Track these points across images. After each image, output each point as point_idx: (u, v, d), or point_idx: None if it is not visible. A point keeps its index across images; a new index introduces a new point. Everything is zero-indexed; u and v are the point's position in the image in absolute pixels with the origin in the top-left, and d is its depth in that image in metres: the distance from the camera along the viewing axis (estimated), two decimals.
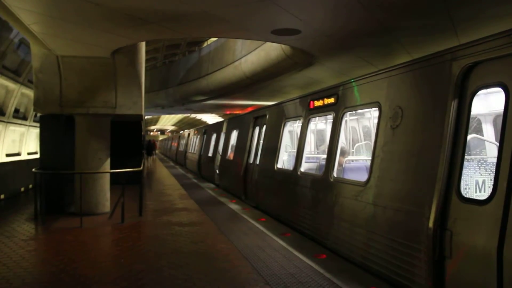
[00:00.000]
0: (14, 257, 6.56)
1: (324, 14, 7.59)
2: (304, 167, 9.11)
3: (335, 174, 7.40)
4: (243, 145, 13.72)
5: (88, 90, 9.94)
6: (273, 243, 7.38)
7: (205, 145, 21.99)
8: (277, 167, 10.23)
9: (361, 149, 10.18)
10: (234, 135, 15.78)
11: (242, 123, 14.68)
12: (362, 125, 10.88)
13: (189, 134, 31.13)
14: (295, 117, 9.89)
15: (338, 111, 7.59)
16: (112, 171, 10.22)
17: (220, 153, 17.57)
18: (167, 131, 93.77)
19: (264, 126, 11.86)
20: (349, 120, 9.76)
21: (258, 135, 12.52)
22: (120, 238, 7.93)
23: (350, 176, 7.41)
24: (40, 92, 9.90)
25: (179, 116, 62.65)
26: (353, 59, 11.44)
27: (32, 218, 9.62)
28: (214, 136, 19.85)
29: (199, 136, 25.06)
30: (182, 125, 73.05)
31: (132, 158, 14.23)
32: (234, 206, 11.51)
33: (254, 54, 14.95)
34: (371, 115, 9.08)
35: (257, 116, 12.91)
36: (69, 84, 9.87)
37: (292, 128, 11.70)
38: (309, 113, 8.91)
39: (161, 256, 6.63)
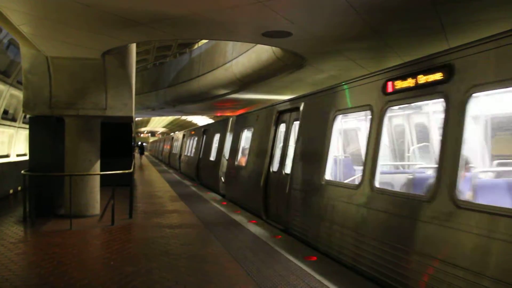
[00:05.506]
0: (2, 260, 6.49)
1: (315, 17, 7.61)
2: (380, 180, 6.16)
3: (464, 195, 4.57)
4: (261, 148, 10.96)
5: (78, 91, 9.89)
6: (263, 246, 7.37)
7: (204, 148, 19.47)
8: (325, 180, 7.28)
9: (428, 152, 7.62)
10: (246, 135, 13.11)
11: (258, 120, 11.82)
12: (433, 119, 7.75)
13: (184, 135, 28.11)
14: (357, 108, 6.88)
15: (455, 91, 4.70)
16: (102, 173, 10.16)
17: (226, 157, 14.94)
18: (158, 133, 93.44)
19: (296, 123, 9.14)
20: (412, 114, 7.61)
21: (286, 134, 9.72)
22: (110, 240, 7.88)
23: (494, 199, 4.56)
24: (29, 93, 9.83)
25: (170, 118, 62.39)
26: (343, 61, 11.48)
27: (21, 221, 9.53)
28: (216, 137, 17.30)
29: (196, 137, 22.32)
30: (173, 127, 72.81)
31: (123, 160, 14.18)
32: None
33: (245, 56, 14.96)
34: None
35: (284, 110, 10.00)
36: (59, 85, 9.82)
37: (349, 125, 8.89)
38: (385, 100, 5.95)
39: (151, 259, 6.60)
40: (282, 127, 10.10)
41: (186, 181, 19.93)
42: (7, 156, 14.37)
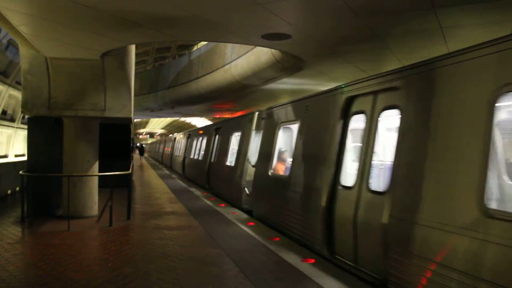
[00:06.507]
0: None
1: (314, 20, 7.63)
2: None
3: None
4: (316, 151, 7.69)
5: (77, 92, 9.89)
6: (262, 248, 7.36)
7: (218, 150, 16.29)
8: (489, 210, 3.93)
9: None
10: (286, 134, 10.17)
11: (309, 112, 8.34)
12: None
13: (189, 135, 24.80)
14: None
15: None
16: (100, 174, 10.15)
17: (252, 163, 11.99)
18: (157, 134, 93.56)
19: (389, 112, 5.98)
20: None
21: (367, 131, 6.24)
22: (107, 241, 7.87)
23: None
24: (28, 94, 9.82)
25: (168, 120, 62.47)
26: (342, 64, 11.50)
27: (19, 221, 9.50)
28: (235, 137, 14.37)
29: (206, 137, 19.21)
30: (171, 128, 72.87)
31: (121, 161, 14.16)
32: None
33: (244, 58, 14.99)
34: None
35: (359, 95, 6.59)
36: (57, 86, 9.81)
37: None
38: None
39: (149, 260, 6.59)
40: (357, 120, 6.77)
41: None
42: (5, 156, 14.34)
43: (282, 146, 10.08)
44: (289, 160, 9.32)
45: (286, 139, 10.18)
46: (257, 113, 12.34)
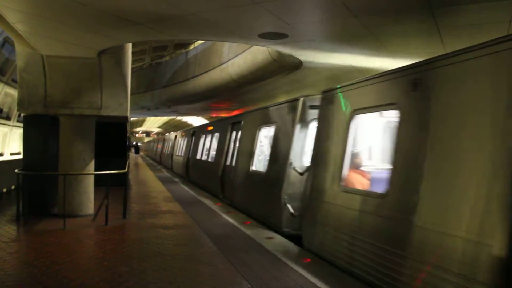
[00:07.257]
0: None
1: (311, 19, 7.63)
2: None
3: None
4: (457, 156, 4.36)
5: (73, 90, 9.86)
6: (258, 247, 7.37)
7: (237, 150, 12.99)
8: None
9: None
10: (362, 129, 7.25)
11: (419, 90, 5.09)
12: None
13: (194, 133, 21.91)
14: None
15: None
16: (96, 172, 10.13)
17: (299, 169, 8.68)
18: (153, 133, 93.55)
19: None
20: None
21: None
22: (103, 240, 7.85)
23: None
24: (24, 92, 9.79)
25: (165, 118, 62.45)
26: (340, 63, 11.50)
27: (14, 220, 9.47)
28: (265, 133, 11.46)
29: (218, 134, 16.17)
30: (168, 127, 72.83)
31: (117, 159, 14.13)
32: None
33: (241, 57, 14.98)
34: None
35: None
36: (54, 84, 9.78)
37: None
38: None
39: (144, 259, 6.58)
40: None
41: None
42: (1, 154, 14.29)
43: (356, 145, 6.99)
44: (381, 168, 6.65)
45: (369, 135, 7.61)
46: (302, 99, 9.09)
